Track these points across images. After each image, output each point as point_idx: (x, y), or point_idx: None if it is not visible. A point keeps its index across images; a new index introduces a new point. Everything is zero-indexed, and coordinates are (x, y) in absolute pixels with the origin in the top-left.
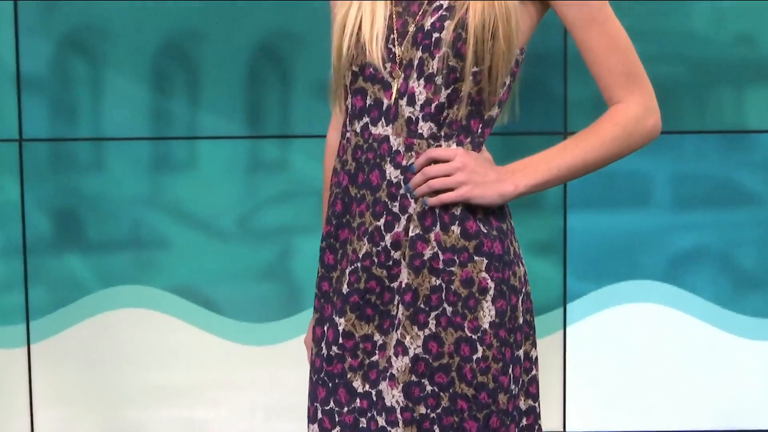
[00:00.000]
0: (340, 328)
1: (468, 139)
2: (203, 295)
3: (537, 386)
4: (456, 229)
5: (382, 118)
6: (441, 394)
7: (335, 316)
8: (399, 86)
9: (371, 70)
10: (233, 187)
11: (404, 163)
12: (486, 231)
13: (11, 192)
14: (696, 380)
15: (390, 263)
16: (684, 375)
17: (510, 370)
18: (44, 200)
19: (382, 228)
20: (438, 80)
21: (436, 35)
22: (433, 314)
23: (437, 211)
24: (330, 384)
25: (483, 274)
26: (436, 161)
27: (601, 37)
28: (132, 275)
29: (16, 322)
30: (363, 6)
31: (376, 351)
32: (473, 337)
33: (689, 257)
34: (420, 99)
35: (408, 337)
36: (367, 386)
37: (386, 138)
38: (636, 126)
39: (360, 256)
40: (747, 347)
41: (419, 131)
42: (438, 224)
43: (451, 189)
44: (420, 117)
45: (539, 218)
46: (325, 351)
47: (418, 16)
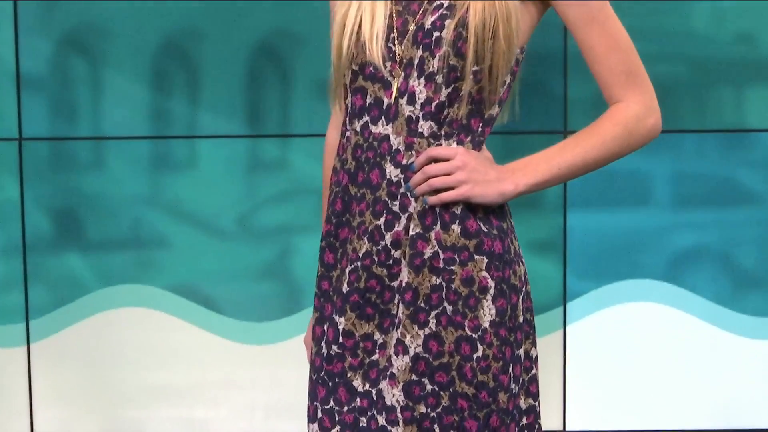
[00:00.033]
0: (340, 327)
1: (468, 138)
2: (203, 295)
3: (537, 385)
4: (456, 228)
5: (382, 117)
6: (441, 393)
7: (335, 315)
8: (399, 85)
9: (371, 69)
10: (233, 187)
11: (404, 162)
12: (486, 230)
13: (11, 191)
14: (696, 379)
15: (390, 262)
16: (684, 374)
17: (510, 369)
18: (44, 199)
19: (382, 227)
20: (438, 79)
21: (437, 34)
22: (434, 313)
23: (437, 210)
24: (330, 383)
25: (483, 273)
26: (437, 160)
27: (602, 37)
28: (132, 274)
29: (16, 322)
30: (363, 5)
31: (377, 350)
32: (473, 336)
33: (689, 256)
34: (420, 98)
35: (408, 336)
36: (368, 385)
37: (386, 137)
38: (636, 125)
39: (360, 255)
40: (747, 346)
41: (419, 130)
42: (438, 223)
43: (452, 188)
44: (420, 116)
45: (539, 217)
46: (325, 350)
47: (419, 15)
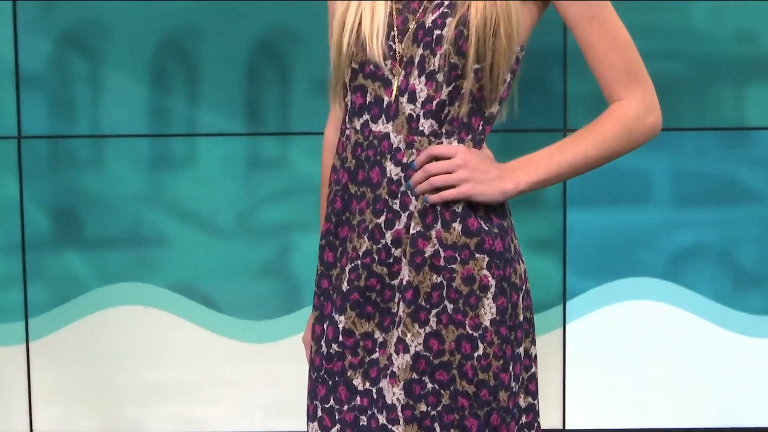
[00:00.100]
0: (340, 326)
1: (469, 137)
2: (202, 293)
3: (536, 384)
4: (457, 227)
5: (383, 116)
6: (442, 392)
7: (335, 314)
8: (399, 83)
9: (371, 68)
10: (232, 185)
11: (405, 161)
12: (487, 228)
13: (10, 189)
14: (696, 377)
15: (390, 261)
16: (684, 372)
17: (510, 368)
18: (43, 197)
19: (383, 225)
20: (439, 77)
21: (438, 32)
22: (434, 312)
23: (438, 209)
24: (330, 382)
25: (484, 272)
26: (437, 158)
27: (602, 35)
28: (131, 272)
29: (15, 320)
30: (363, 3)
31: (377, 349)
32: (474, 335)
33: (689, 254)
34: (421, 96)
35: (409, 335)
36: (368, 384)
37: (387, 135)
38: (636, 123)
39: (360, 254)
40: (747, 344)
41: (420, 128)
42: (439, 221)
43: (453, 186)
44: (421, 114)
45: (539, 215)
46: (325, 349)
47: (419, 13)
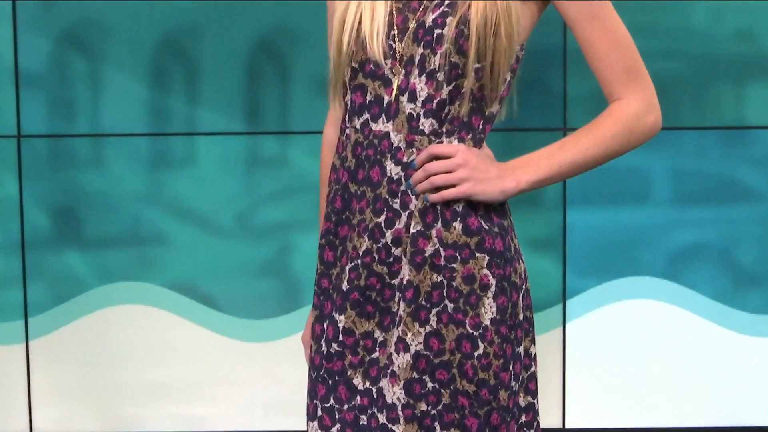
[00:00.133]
0: (340, 325)
1: (469, 136)
2: (202, 292)
3: (536, 383)
4: (457, 226)
5: (383, 115)
6: (442, 391)
7: (335, 314)
8: (400, 82)
9: (371, 67)
10: (232, 184)
11: (405, 160)
12: (487, 228)
13: (10, 188)
14: (696, 377)
15: (391, 260)
16: (684, 371)
17: (511, 367)
18: (42, 196)
19: (383, 225)
20: (440, 77)
21: (438, 31)
22: (435, 311)
23: (439, 208)
24: (330, 381)
25: (484, 271)
26: (438, 157)
27: (603, 34)
28: (130, 272)
29: (15, 319)
30: (363, 3)
31: (377, 348)
32: (474, 334)
33: (689, 253)
34: (421, 95)
35: (409, 334)
36: (368, 383)
37: (387, 134)
38: (637, 123)
39: (360, 253)
40: (747, 344)
41: (420, 128)
42: (439, 221)
43: (453, 185)
44: (421, 113)
45: (539, 214)
46: (325, 348)
47: (419, 13)
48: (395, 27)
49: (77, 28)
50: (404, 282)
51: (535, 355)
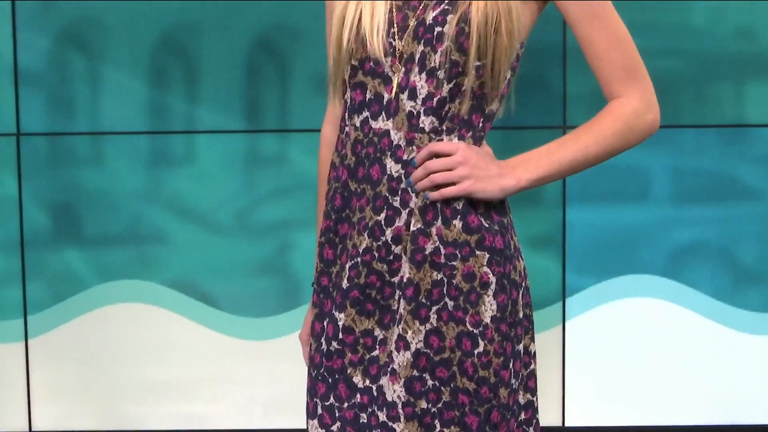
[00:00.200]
0: (340, 324)
1: (469, 134)
2: (201, 290)
3: (535, 380)
4: (458, 224)
5: (383, 113)
6: (442, 389)
7: (335, 312)
8: (400, 80)
9: (371, 65)
10: (231, 182)
11: (405, 158)
12: (487, 225)
13: (9, 186)
14: (696, 375)
15: (391, 258)
16: (684, 370)
17: (511, 365)
18: (42, 194)
19: (383, 222)
20: (440, 74)
21: (439, 29)
22: (435, 309)
23: (439, 206)
24: (330, 379)
25: (484, 269)
26: (438, 155)
27: (603, 33)
28: (130, 270)
29: (14, 317)
30: (363, 2)
31: (377, 346)
32: (474, 332)
33: (689, 252)
34: (422, 93)
35: (410, 332)
36: (368, 381)
37: (387, 132)
38: (636, 121)
39: (360, 251)
40: (747, 342)
41: (420, 125)
42: (439, 218)
43: (453, 183)
44: (422, 111)
45: (538, 212)
46: (325, 346)
47: (419, 11)
48: (395, 25)
49: (76, 26)
50: (404, 280)
51: (535, 353)
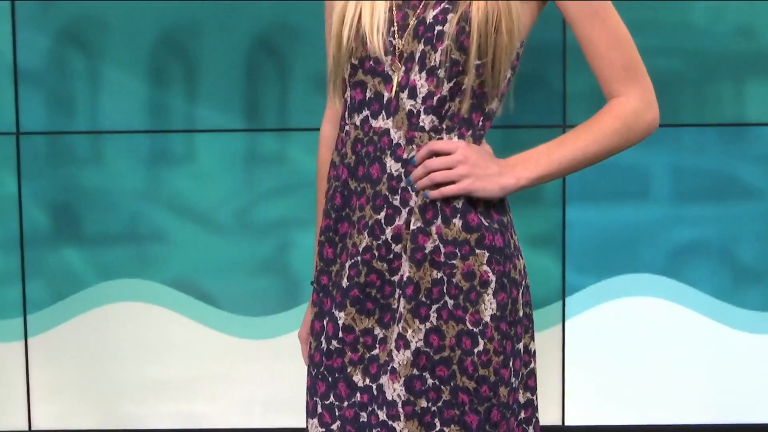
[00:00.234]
0: (340, 322)
1: (469, 132)
2: (201, 289)
3: (535, 379)
4: (457, 222)
5: (383, 111)
6: (442, 388)
7: (335, 310)
8: (400, 79)
9: (371, 63)
10: (231, 181)
11: (405, 156)
12: (487, 224)
13: (8, 185)
14: (696, 374)
15: (391, 257)
16: (683, 369)
17: (511, 363)
18: (41, 193)
19: (383, 221)
20: (440, 73)
21: (439, 28)
22: (435, 307)
23: (438, 204)
24: (330, 378)
25: (484, 267)
26: (438, 154)
27: (603, 32)
28: (129, 269)
29: (14, 316)
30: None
31: (377, 345)
32: (474, 330)
33: (688, 251)
34: (422, 92)
35: (410, 331)
36: (368, 380)
37: (387, 131)
38: (636, 120)
39: (360, 250)
40: (747, 341)
41: (420, 124)
42: (439, 217)
43: (453, 182)
44: (422, 110)
45: (538, 211)
46: (325, 345)
47: (419, 9)
48: (395, 23)
49: (76, 25)
50: (404, 279)
51: (535, 352)
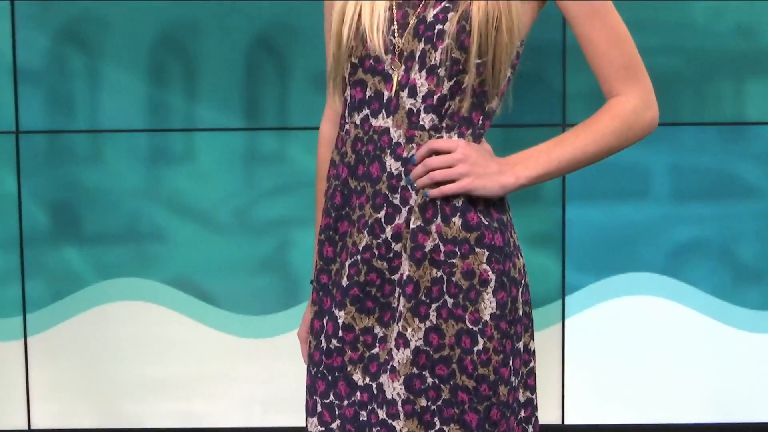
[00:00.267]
0: (340, 321)
1: (469, 131)
2: (200, 288)
3: (534, 378)
4: (457, 221)
5: (383, 110)
6: (442, 386)
7: (335, 309)
8: (400, 78)
9: (371, 62)
10: (231, 180)
11: (405, 155)
12: (487, 223)
13: (8, 184)
14: (695, 373)
15: (391, 255)
16: (683, 367)
17: (510, 362)
18: (41, 192)
19: (383, 220)
20: (441, 72)
21: (439, 27)
22: (434, 306)
23: (438, 203)
24: (330, 377)
25: (484, 266)
26: (438, 152)
27: (603, 31)
28: (129, 268)
29: (13, 315)
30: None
31: (377, 344)
32: (474, 329)
33: (688, 249)
34: (422, 90)
35: (409, 330)
36: (368, 379)
37: (386, 130)
38: (635, 119)
39: (360, 249)
40: (746, 340)
41: (420, 123)
42: (439, 216)
43: (453, 180)
44: (422, 109)
45: (538, 210)
46: (325, 344)
47: (419, 8)
48: (395, 22)
49: (75, 24)
50: (404, 277)
51: (534, 351)
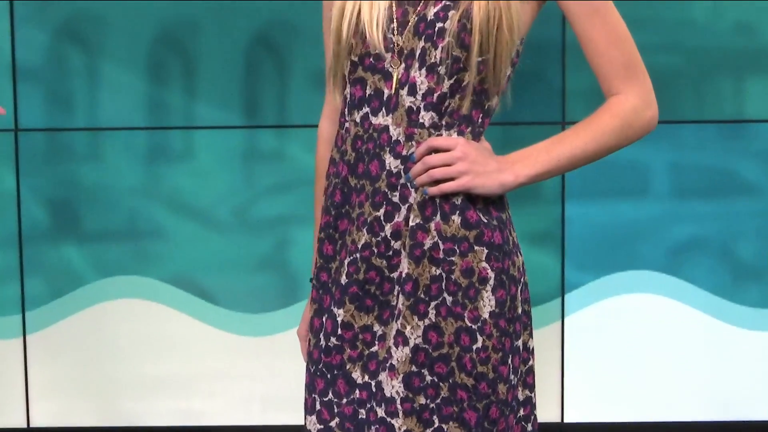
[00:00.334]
0: (339, 319)
1: (469, 129)
2: (200, 286)
3: (533, 376)
4: (456, 219)
5: (383, 108)
6: (441, 384)
7: (334, 307)
8: (400, 76)
9: (371, 60)
10: (230, 178)
11: (404, 153)
12: (486, 221)
13: (7, 182)
14: (695, 371)
15: (390, 253)
16: (683, 366)
17: (509, 360)
18: (40, 190)
19: (382, 218)
20: (441, 70)
21: (440, 25)
22: (433, 304)
23: (437, 201)
24: (329, 375)
25: (483, 264)
26: (437, 150)
27: (603, 30)
28: (128, 266)
29: (12, 313)
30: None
31: (376, 342)
32: (473, 327)
33: (688, 247)
34: (422, 89)
35: (408, 327)
36: (367, 377)
37: (386, 128)
38: (635, 117)
39: (359, 247)
40: (746, 338)
41: (420, 121)
42: (438, 214)
43: (452, 178)
44: (421, 107)
45: (537, 208)
46: (324, 342)
47: (419, 6)
48: (395, 20)
49: (75, 22)
50: (403, 275)
51: (534, 349)
